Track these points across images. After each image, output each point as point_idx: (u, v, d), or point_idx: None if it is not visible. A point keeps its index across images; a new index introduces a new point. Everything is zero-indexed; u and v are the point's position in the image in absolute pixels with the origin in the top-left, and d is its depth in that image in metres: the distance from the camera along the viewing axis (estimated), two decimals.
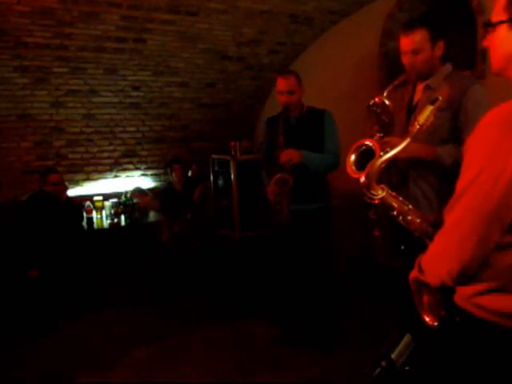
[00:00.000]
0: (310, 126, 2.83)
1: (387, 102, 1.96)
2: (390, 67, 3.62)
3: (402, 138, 1.29)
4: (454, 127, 1.90)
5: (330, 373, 2.60)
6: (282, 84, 2.78)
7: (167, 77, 4.36)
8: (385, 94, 1.96)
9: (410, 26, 1.94)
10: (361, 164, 1.37)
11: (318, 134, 2.81)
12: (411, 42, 1.93)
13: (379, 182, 1.32)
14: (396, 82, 1.98)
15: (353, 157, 1.39)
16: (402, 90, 2.08)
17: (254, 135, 5.31)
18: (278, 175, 2.69)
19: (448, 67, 2.00)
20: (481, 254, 0.97)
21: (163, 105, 4.67)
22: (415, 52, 1.93)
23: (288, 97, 2.76)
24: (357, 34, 3.90)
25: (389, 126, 2.01)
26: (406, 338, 1.23)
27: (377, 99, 1.96)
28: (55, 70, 3.83)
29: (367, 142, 1.37)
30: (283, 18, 3.79)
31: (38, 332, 3.23)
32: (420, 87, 2.05)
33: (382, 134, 1.96)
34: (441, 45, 1.95)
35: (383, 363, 1.22)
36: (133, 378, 2.70)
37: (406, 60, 1.99)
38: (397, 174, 2.07)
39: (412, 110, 2.06)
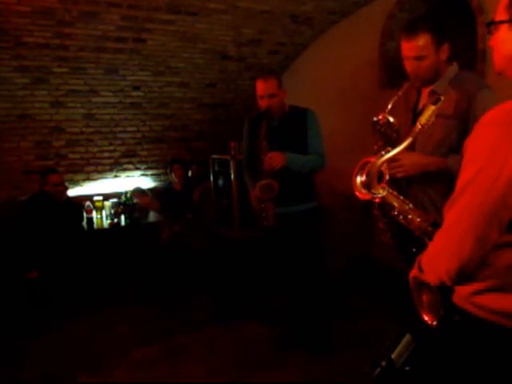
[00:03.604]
0: (293, 126, 2.72)
1: (391, 119, 1.82)
2: (390, 67, 3.62)
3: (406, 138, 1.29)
4: (463, 135, 1.75)
5: (330, 373, 2.60)
6: (261, 88, 2.67)
7: (167, 77, 4.36)
8: (389, 107, 1.81)
9: (412, 30, 1.80)
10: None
11: (300, 133, 2.70)
12: (414, 48, 1.79)
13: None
14: (400, 93, 1.85)
15: (358, 179, 1.36)
16: (406, 93, 1.96)
17: None
18: (264, 182, 2.54)
19: (453, 69, 1.88)
20: (479, 254, 0.97)
21: (163, 105, 4.67)
22: (419, 58, 1.81)
23: (269, 100, 2.66)
24: (357, 33, 3.90)
25: (395, 140, 1.84)
26: (406, 338, 1.23)
27: (380, 117, 1.83)
28: (55, 69, 3.83)
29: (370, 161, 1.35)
30: (283, 18, 3.79)
31: (38, 332, 3.22)
32: (425, 92, 1.94)
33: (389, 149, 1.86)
34: (446, 48, 1.82)
35: (383, 363, 1.22)
36: (133, 378, 2.70)
37: (408, 66, 1.86)
38: (403, 182, 1.96)
39: (418, 115, 1.90)
